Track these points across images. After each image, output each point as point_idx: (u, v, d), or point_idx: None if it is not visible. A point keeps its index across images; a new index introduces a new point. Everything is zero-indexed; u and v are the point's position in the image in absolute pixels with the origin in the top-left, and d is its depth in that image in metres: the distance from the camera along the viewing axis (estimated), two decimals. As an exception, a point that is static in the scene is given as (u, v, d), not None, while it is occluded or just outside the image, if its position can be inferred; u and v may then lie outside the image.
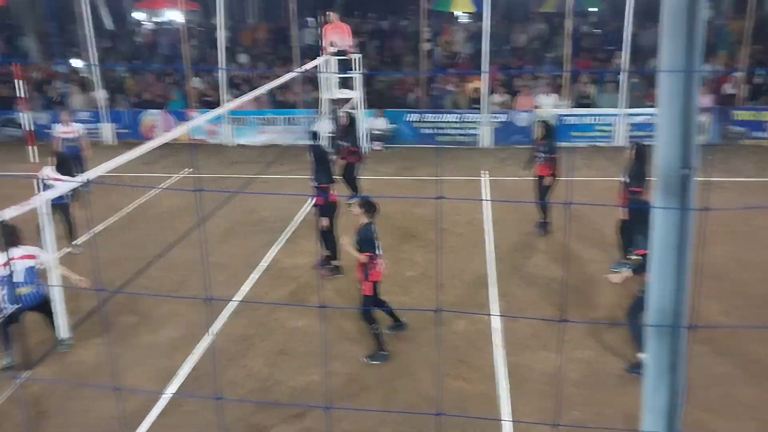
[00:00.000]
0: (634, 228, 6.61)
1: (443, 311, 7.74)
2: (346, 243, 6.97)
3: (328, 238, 8.67)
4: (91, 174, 6.96)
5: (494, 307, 7.89)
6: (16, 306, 6.40)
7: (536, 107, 15.64)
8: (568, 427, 5.67)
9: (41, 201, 4.21)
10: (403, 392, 6.28)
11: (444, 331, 7.30)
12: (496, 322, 7.41)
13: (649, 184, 8.34)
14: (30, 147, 12.71)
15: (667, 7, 1.70)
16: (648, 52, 17.26)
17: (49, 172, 8.95)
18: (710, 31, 18.10)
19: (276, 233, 10.38)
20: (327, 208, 8.70)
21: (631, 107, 15.17)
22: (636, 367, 6.36)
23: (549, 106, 15.53)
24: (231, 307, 7.98)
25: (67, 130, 12.13)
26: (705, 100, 14.39)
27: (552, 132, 10.01)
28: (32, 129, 16.43)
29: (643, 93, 15.56)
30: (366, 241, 6.80)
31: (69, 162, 9.62)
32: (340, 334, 7.29)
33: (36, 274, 6.70)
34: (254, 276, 8.91)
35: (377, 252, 6.83)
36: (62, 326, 4.71)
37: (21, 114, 17.14)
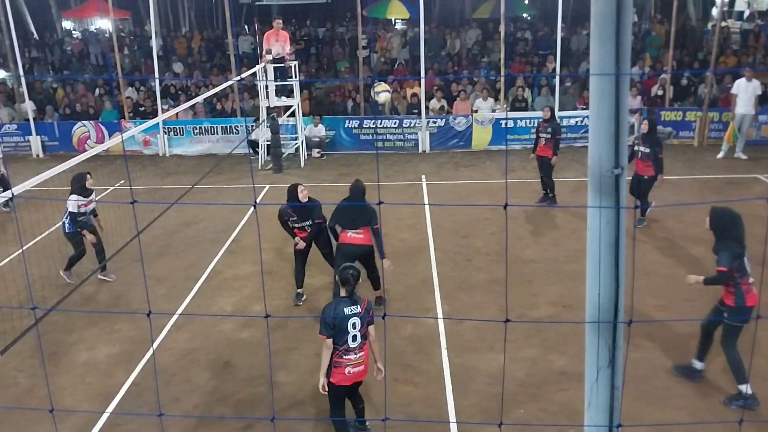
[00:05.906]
0: (719, 239, 5.79)
1: (390, 316, 7.74)
2: None
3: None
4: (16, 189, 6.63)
5: (439, 310, 7.96)
6: None
7: (474, 111, 15.87)
8: (513, 425, 5.75)
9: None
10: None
11: (391, 336, 7.31)
12: (442, 326, 7.46)
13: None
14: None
15: (594, 12, 1.75)
16: (581, 56, 17.81)
17: None
18: (637, 35, 18.78)
19: (217, 244, 10.20)
20: None
21: (563, 109, 15.53)
22: (736, 400, 5.89)
23: (486, 109, 15.79)
24: (172, 321, 7.79)
25: None
26: (634, 101, 14.91)
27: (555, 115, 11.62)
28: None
29: (578, 95, 16.01)
30: (322, 322, 5.11)
31: None
32: (285, 343, 7.21)
33: None
34: (195, 287, 8.73)
35: (342, 341, 5.10)
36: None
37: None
